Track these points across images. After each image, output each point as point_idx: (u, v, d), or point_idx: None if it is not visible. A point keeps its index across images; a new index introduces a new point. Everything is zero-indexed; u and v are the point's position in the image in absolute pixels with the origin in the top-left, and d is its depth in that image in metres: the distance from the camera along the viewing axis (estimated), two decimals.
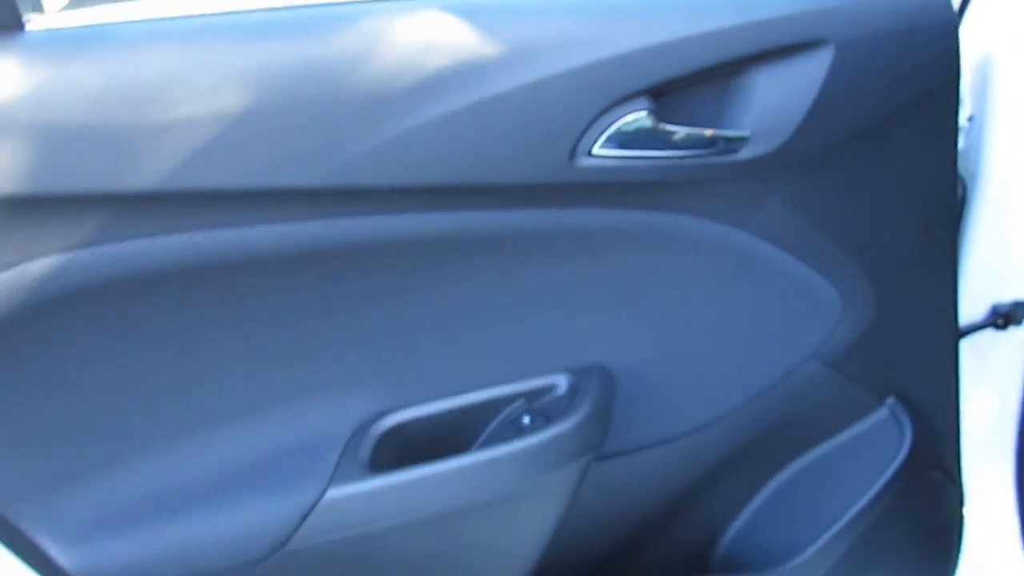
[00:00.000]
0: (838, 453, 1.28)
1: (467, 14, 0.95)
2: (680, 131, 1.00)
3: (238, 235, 0.95)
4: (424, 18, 0.95)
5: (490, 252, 1.05)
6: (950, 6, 1.06)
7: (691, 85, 1.00)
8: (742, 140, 1.02)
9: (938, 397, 1.28)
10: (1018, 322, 1.25)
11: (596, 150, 0.97)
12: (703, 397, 1.20)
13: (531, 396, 1.14)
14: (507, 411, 1.13)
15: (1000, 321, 1.26)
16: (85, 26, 0.95)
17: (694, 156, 1.01)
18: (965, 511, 1.36)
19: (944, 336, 1.24)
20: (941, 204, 1.16)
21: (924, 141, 1.12)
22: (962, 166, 1.20)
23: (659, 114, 0.99)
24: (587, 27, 0.97)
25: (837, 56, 1.01)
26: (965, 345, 1.27)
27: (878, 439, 1.27)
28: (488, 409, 1.14)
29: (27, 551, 1.04)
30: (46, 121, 0.87)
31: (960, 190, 1.22)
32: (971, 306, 1.27)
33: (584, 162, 0.98)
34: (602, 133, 0.97)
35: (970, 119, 1.22)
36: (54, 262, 0.91)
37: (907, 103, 1.08)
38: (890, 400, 1.26)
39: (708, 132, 1.01)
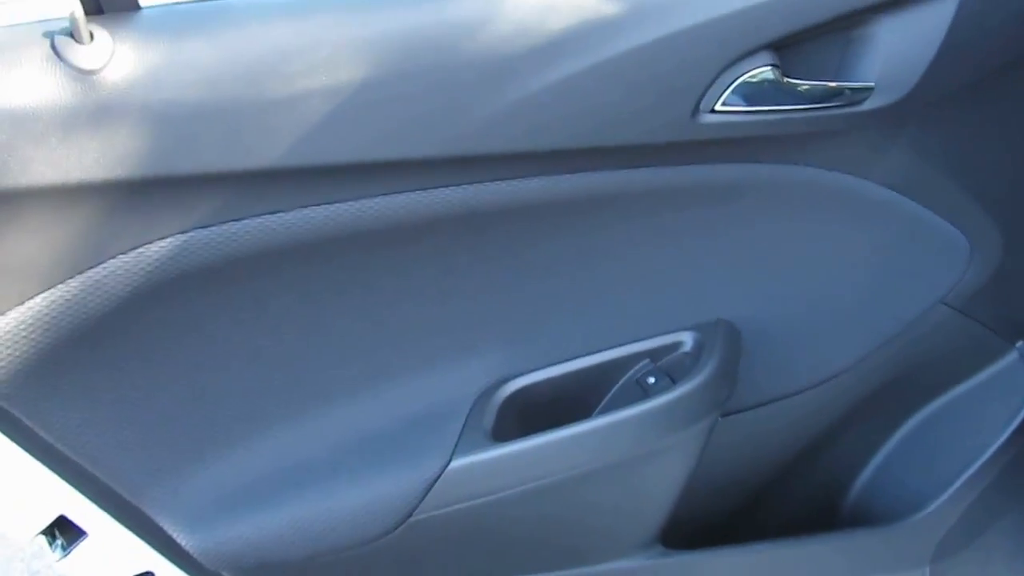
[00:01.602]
0: (968, 398, 1.27)
1: None
2: (804, 84, 0.98)
3: (357, 208, 0.94)
4: None
5: (613, 212, 1.04)
6: None
7: (814, 37, 0.98)
8: (867, 91, 0.99)
9: None
10: None
11: (720, 106, 0.96)
12: (830, 347, 1.19)
13: (656, 355, 1.13)
14: (632, 371, 1.13)
15: None
16: (199, 2, 0.93)
17: (818, 109, 0.99)
18: None
19: None
20: None
21: None
22: None
23: (783, 67, 0.97)
24: None
25: (962, 1, 0.97)
26: None
27: (1009, 383, 1.25)
28: (613, 369, 1.13)
29: (152, 535, 1.05)
30: (162, 101, 0.85)
31: None
32: None
33: (708, 118, 0.96)
34: (726, 89, 0.95)
35: None
36: (172, 243, 0.90)
37: None
38: (1020, 343, 1.24)
39: (832, 84, 0.99)
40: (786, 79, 0.97)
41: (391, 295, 1.04)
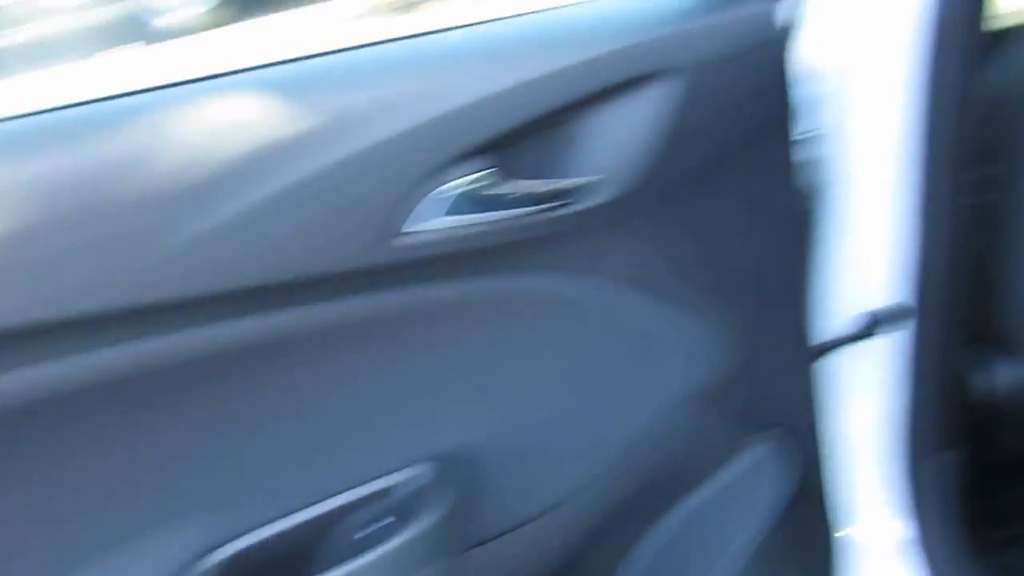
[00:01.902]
0: (717, 496, 1.21)
1: (265, 89, 0.84)
2: (516, 188, 0.90)
3: (16, 379, 0.82)
4: (211, 103, 0.84)
5: (316, 349, 0.94)
6: (773, 23, 0.99)
7: (525, 136, 0.90)
8: (585, 187, 0.92)
9: (814, 421, 1.22)
10: (882, 330, 1.20)
11: (420, 223, 0.87)
12: (571, 463, 1.11)
13: (379, 497, 1.02)
14: (357, 517, 1.01)
15: (865, 332, 1.21)
16: None
17: (534, 213, 0.91)
18: (850, 534, 1.32)
19: (812, 358, 1.18)
20: (793, 225, 1.10)
21: (766, 164, 1.06)
22: (819, 175, 1.15)
23: (498, 170, 0.89)
24: (402, 89, 0.86)
25: (677, 88, 0.93)
26: (834, 361, 1.21)
27: (758, 474, 1.20)
28: (335, 519, 1.01)
29: None
30: None
31: (812, 204, 1.16)
32: (836, 320, 1.22)
33: (408, 239, 0.87)
34: (426, 203, 0.86)
35: (825, 127, 1.16)
36: None
37: (750, 127, 1.02)
38: (767, 431, 1.20)
39: (546, 186, 0.91)
40: (496, 185, 0.88)
41: (71, 472, 0.91)
